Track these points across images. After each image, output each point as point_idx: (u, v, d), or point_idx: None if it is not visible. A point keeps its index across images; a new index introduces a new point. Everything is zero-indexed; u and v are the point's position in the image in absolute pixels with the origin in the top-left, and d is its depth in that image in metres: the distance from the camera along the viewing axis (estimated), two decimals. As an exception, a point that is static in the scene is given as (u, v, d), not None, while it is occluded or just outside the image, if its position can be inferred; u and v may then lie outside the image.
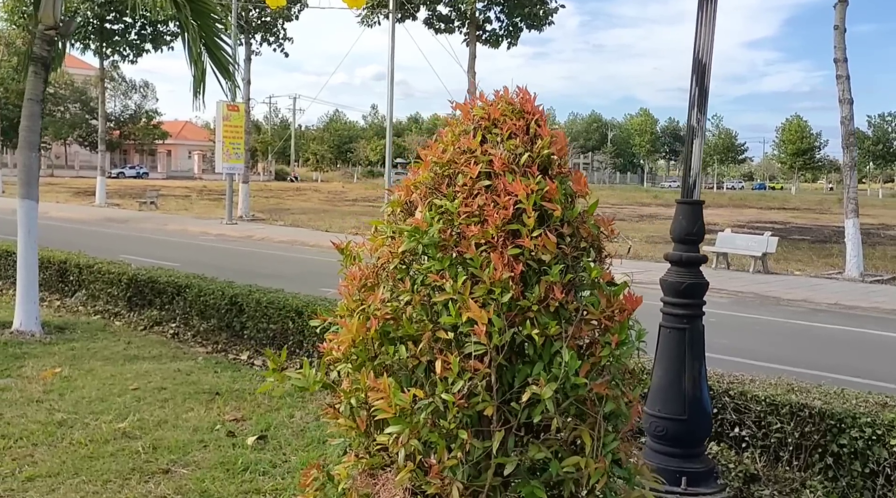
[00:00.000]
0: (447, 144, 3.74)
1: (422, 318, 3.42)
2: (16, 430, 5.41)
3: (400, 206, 3.76)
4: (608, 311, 3.42)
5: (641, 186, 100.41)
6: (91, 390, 6.40)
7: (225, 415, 5.90)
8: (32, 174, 8.17)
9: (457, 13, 24.84)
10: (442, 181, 3.63)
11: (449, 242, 3.42)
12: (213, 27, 8.62)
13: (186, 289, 8.71)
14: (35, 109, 8.08)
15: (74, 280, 10.10)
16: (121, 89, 75.99)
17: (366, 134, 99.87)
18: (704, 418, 4.45)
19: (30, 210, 8.18)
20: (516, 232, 3.44)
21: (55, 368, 7.00)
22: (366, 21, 25.67)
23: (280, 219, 30.75)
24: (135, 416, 5.79)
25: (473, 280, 3.36)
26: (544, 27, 24.29)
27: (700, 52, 4.38)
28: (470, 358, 3.33)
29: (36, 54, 8.06)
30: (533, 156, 3.55)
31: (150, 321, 8.91)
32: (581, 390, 3.35)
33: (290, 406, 6.18)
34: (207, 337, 8.35)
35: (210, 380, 6.83)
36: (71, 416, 5.75)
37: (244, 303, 8.13)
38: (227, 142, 27.69)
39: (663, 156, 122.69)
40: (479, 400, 3.29)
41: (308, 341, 7.52)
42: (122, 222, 28.17)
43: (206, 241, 23.22)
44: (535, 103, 3.71)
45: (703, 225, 4.53)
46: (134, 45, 35.84)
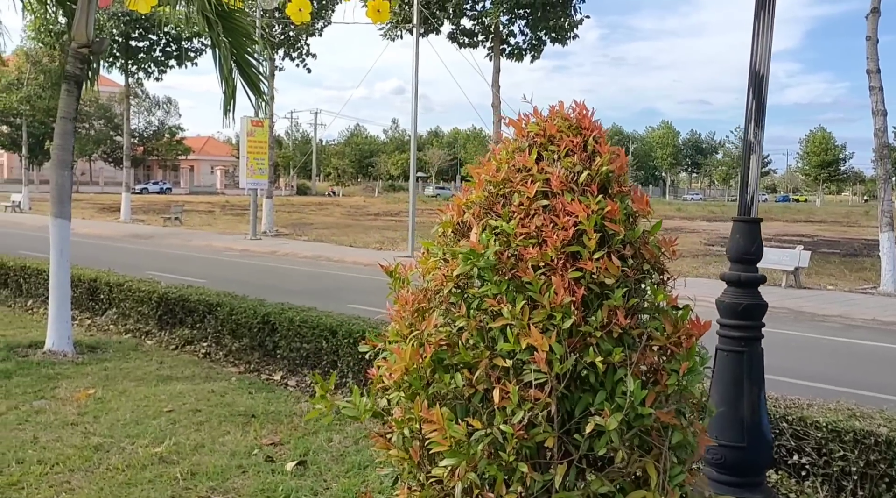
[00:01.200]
0: (500, 162, 3.60)
1: (478, 344, 3.28)
2: (52, 455, 5.31)
3: (452, 226, 3.62)
4: (674, 336, 3.27)
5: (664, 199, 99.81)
6: (126, 412, 6.31)
7: (262, 439, 5.77)
8: (65, 193, 8.13)
9: (480, 27, 24.80)
10: (497, 201, 3.50)
11: (506, 265, 3.28)
12: (245, 44, 8.56)
13: (218, 307, 8.62)
14: (68, 128, 8.05)
15: (105, 298, 10.05)
16: (144, 105, 76.75)
17: (386, 148, 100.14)
18: (765, 446, 4.27)
19: (62, 229, 8.13)
20: (576, 254, 3.29)
21: (88, 389, 6.92)
22: (389, 35, 25.70)
23: (304, 234, 30.76)
24: (171, 439, 5.67)
25: (532, 305, 3.22)
26: (568, 40, 24.21)
27: (757, 63, 4.23)
28: (529, 387, 3.19)
29: (69, 72, 8.04)
30: (592, 174, 3.40)
31: (181, 340, 8.83)
32: (646, 421, 3.18)
33: (328, 429, 6.03)
34: (240, 356, 8.25)
35: (245, 401, 6.71)
36: (107, 439, 5.65)
37: (276, 322, 8.02)
38: (251, 157, 27.77)
39: (685, 168, 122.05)
40: (540, 431, 3.13)
41: (342, 361, 7.40)
42: (147, 238, 28.29)
43: (230, 256, 23.23)
44: (593, 119, 3.57)
45: (762, 244, 4.37)
46: (158, 61, 36.16)
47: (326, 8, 29.13)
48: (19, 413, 6.25)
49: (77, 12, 8.06)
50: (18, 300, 11.16)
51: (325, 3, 28.59)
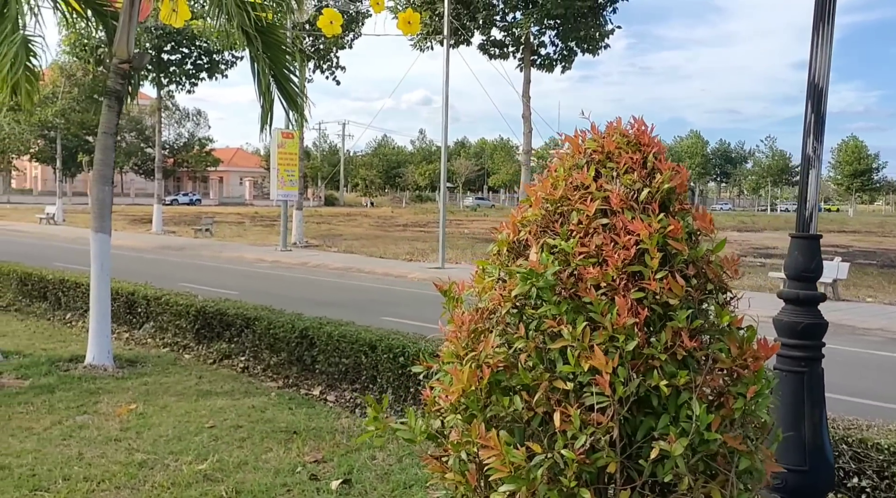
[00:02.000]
0: (557, 180, 3.53)
1: (536, 366, 3.20)
2: (97, 471, 5.30)
3: (507, 245, 3.56)
4: (740, 359, 3.17)
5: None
6: (168, 428, 6.30)
7: (305, 456, 5.73)
8: (106, 208, 8.17)
9: (511, 38, 24.76)
10: (554, 219, 3.43)
11: (565, 285, 3.21)
12: (283, 59, 8.57)
13: (255, 321, 8.61)
14: (109, 143, 8.10)
15: (142, 312, 10.09)
16: (175, 117, 77.66)
17: (414, 158, 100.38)
18: (826, 469, 4.14)
19: (102, 243, 8.18)
20: (637, 274, 3.21)
21: (130, 404, 6.92)
22: (419, 46, 25.74)
23: (333, 245, 30.84)
24: (214, 456, 5.65)
25: (593, 326, 3.14)
26: (599, 50, 24.09)
27: (816, 75, 4.12)
28: (590, 410, 3.10)
29: (110, 88, 8.09)
30: (653, 191, 3.32)
31: (219, 354, 8.83)
32: (712, 446, 3.08)
33: (371, 447, 5.97)
34: (278, 371, 8.23)
35: (286, 418, 6.67)
36: (150, 456, 5.64)
37: (315, 336, 7.99)
38: (281, 169, 27.92)
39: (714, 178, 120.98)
40: (603, 456, 3.05)
41: (382, 377, 7.35)
42: (178, 250, 28.51)
43: (262, 268, 23.32)
44: (652, 134, 3.49)
45: (821, 260, 4.25)
46: (190, 74, 36.56)
47: (356, 20, 29.29)
48: (63, 428, 6.26)
49: (118, 28, 8.13)
50: (57, 313, 11.24)
51: (354, 16, 28.75)
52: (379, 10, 23.57)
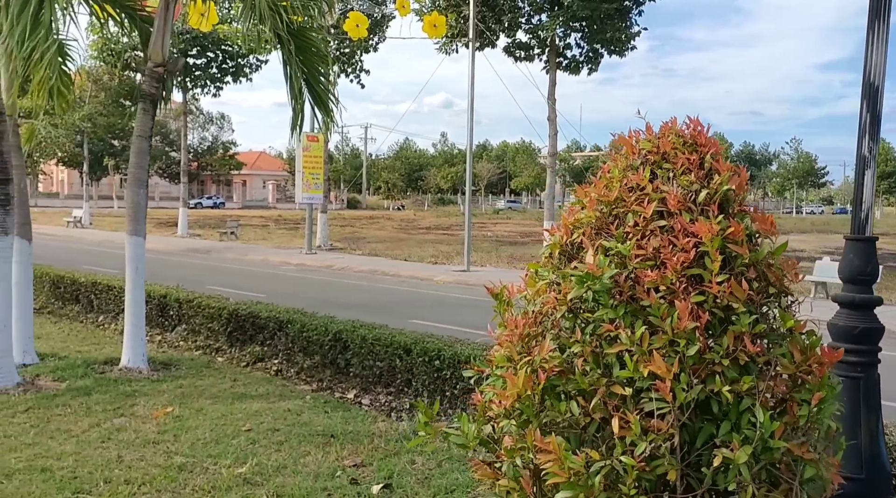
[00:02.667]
0: (610, 181, 3.47)
1: (593, 371, 3.13)
2: (137, 474, 5.29)
3: (559, 247, 3.50)
4: (804, 364, 3.09)
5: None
6: (205, 431, 6.28)
7: (343, 460, 5.69)
8: (140, 211, 8.20)
9: (536, 40, 24.66)
10: (609, 221, 3.36)
11: (623, 288, 3.14)
12: (315, 63, 8.56)
13: (288, 324, 8.60)
14: (143, 146, 8.13)
15: (174, 315, 10.12)
16: (198, 121, 78.17)
17: (435, 161, 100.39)
18: (884, 477, 4.04)
19: (137, 247, 8.20)
20: (697, 277, 3.14)
21: (166, 407, 6.92)
22: (444, 49, 25.71)
23: (357, 248, 30.87)
24: (253, 460, 5.62)
25: (651, 330, 3.07)
26: (626, 52, 23.92)
27: (871, 74, 4.02)
28: (649, 416, 3.03)
29: (145, 91, 8.12)
30: (711, 193, 3.25)
31: (252, 357, 8.82)
32: (775, 454, 3.01)
33: (410, 451, 5.92)
34: (312, 374, 8.20)
35: (322, 421, 6.64)
36: (189, 459, 5.62)
37: (349, 339, 7.96)
38: (306, 172, 27.99)
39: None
40: (663, 463, 2.97)
41: (417, 380, 7.30)
42: (204, 253, 28.65)
43: (287, 271, 23.36)
44: (709, 135, 3.42)
45: (878, 263, 4.15)
46: (215, 78, 36.77)
47: (380, 24, 29.33)
48: (101, 431, 6.27)
49: (153, 33, 8.15)
50: (90, 316, 11.31)
51: (379, 19, 28.79)
52: (405, 14, 23.54)
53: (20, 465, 5.42)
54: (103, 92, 41.92)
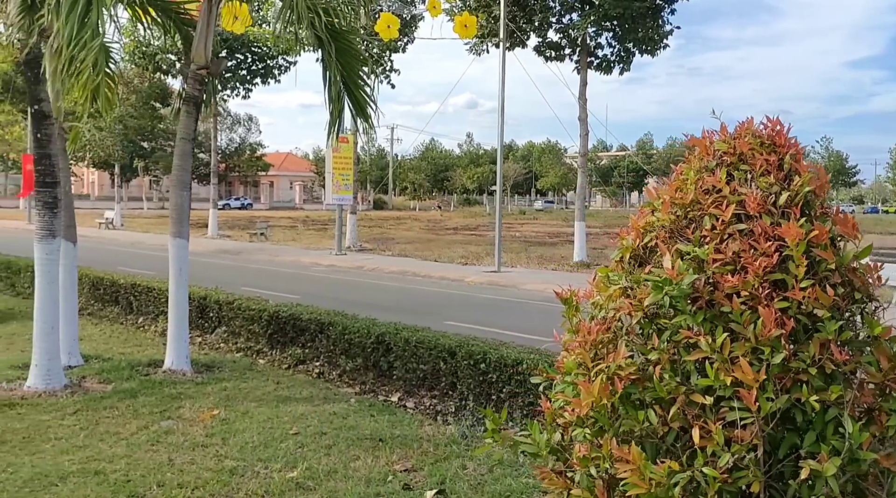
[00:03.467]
0: (684, 183, 3.38)
1: (671, 379, 3.05)
2: (190, 478, 5.28)
3: (630, 251, 3.42)
4: (892, 373, 2.98)
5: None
6: (252, 435, 6.27)
7: (394, 464, 5.64)
8: (184, 213, 8.21)
9: (567, 40, 24.49)
10: (685, 224, 3.28)
11: (702, 294, 3.05)
12: (354, 66, 8.52)
13: (330, 326, 8.58)
14: (187, 148, 8.15)
15: (214, 316, 10.14)
16: (226, 123, 78.76)
17: (461, 162, 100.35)
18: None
19: (181, 249, 8.22)
20: (780, 282, 3.05)
21: (212, 409, 6.92)
22: (475, 50, 25.63)
23: (387, 249, 30.88)
24: (303, 464, 5.59)
25: (732, 337, 2.98)
26: (658, 51, 23.68)
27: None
28: (731, 426, 2.94)
29: (188, 94, 8.14)
30: (792, 195, 3.15)
31: (293, 359, 8.81)
32: (863, 465, 2.90)
33: (459, 455, 5.87)
34: (354, 377, 8.18)
35: (369, 425, 6.60)
36: (240, 463, 5.61)
37: (392, 342, 7.92)
38: (336, 173, 28.04)
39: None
40: (747, 475, 2.88)
41: (462, 383, 7.24)
42: (235, 254, 28.80)
43: (318, 272, 23.41)
44: (789, 135, 3.32)
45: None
46: (244, 80, 36.98)
47: (410, 24, 29.32)
48: (150, 433, 6.28)
49: (196, 36, 8.17)
50: (129, 317, 11.37)
51: (408, 20, 28.78)
52: (436, 14, 23.51)
53: (74, 467, 5.44)
54: (134, 94, 42.32)
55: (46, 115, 7.41)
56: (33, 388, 7.27)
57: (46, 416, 6.65)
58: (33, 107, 7.41)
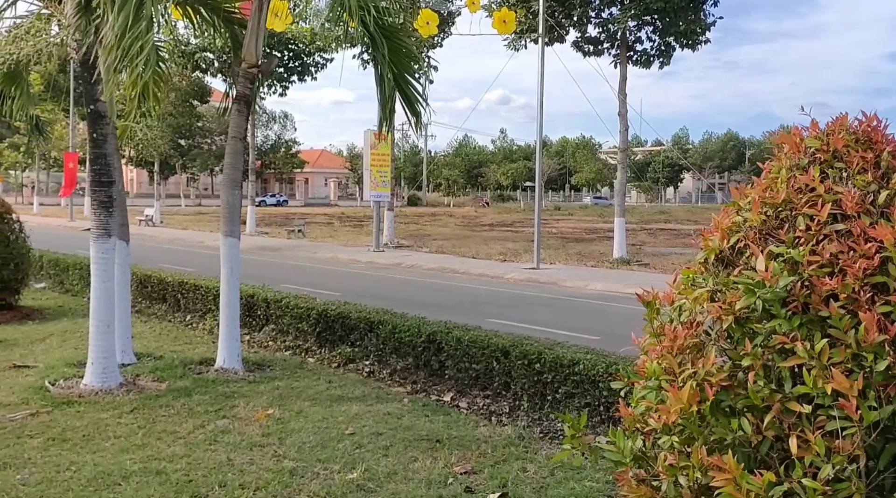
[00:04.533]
0: (773, 182, 3.26)
1: (766, 386, 2.93)
2: (250, 479, 5.27)
3: (716, 252, 3.31)
4: None
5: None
6: (308, 435, 6.24)
7: (453, 466, 5.58)
8: (235, 211, 8.23)
9: (606, 35, 24.25)
10: (777, 225, 3.16)
11: (798, 297, 2.94)
12: (405, 63, 8.47)
13: (379, 325, 8.54)
14: (238, 147, 8.15)
15: (262, 314, 10.16)
16: (261, 121, 79.35)
17: (495, 158, 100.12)
18: None
19: (232, 248, 8.23)
20: (880, 285, 2.92)
21: (266, 409, 6.91)
22: (513, 45, 25.48)
23: (424, 245, 30.85)
24: (362, 465, 5.55)
25: (830, 342, 2.86)
26: (699, 45, 23.34)
27: None
28: (831, 435, 2.83)
29: (239, 92, 8.14)
30: (891, 194, 3.02)
31: (342, 358, 8.79)
32: (971, 477, 2.77)
33: (518, 457, 5.79)
34: (405, 376, 8.13)
35: (424, 425, 6.55)
36: (299, 463, 5.58)
37: (443, 341, 7.86)
38: (374, 170, 28.06)
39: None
40: (850, 487, 2.76)
41: (516, 383, 7.16)
42: (274, 251, 28.95)
43: (357, 269, 23.44)
44: (887, 131, 3.18)
45: None
46: (281, 77, 37.20)
47: (447, 21, 29.24)
48: (206, 432, 6.28)
49: (247, 34, 8.17)
50: (177, 315, 11.44)
51: (446, 16, 28.70)
52: (475, 10, 23.44)
53: (135, 466, 5.45)
54: (173, 92, 42.79)
55: (102, 114, 7.45)
56: (90, 386, 7.32)
57: (104, 414, 6.69)
58: (89, 107, 7.45)
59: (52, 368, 8.13)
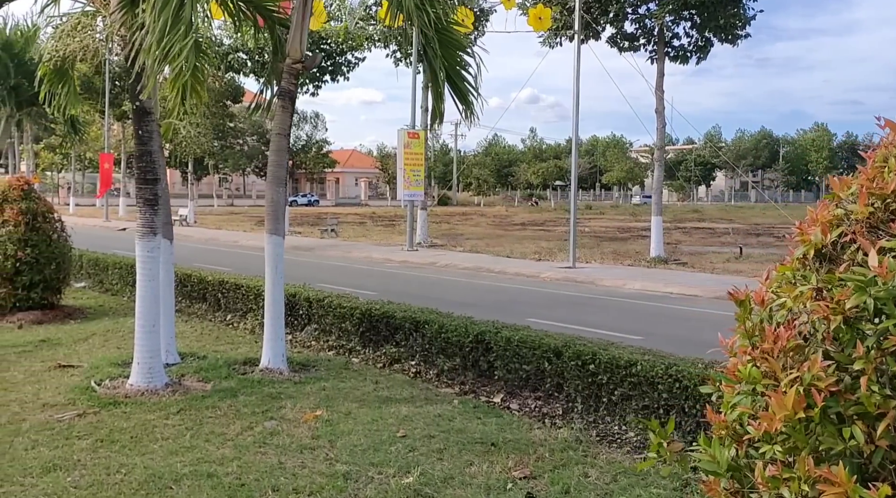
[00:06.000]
0: (880, 171, 3.03)
1: (881, 391, 2.71)
2: (304, 483, 5.12)
3: (816, 248, 3.08)
4: None
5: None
6: (359, 437, 6.09)
7: (511, 471, 5.39)
8: (280, 209, 8.10)
9: (643, 30, 23.89)
10: (887, 217, 2.93)
11: (913, 296, 2.71)
12: (457, 57, 8.30)
13: (425, 325, 8.37)
14: (283, 144, 8.03)
15: (304, 314, 10.03)
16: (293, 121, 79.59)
17: (525, 157, 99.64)
18: None
19: (277, 246, 8.11)
20: None
21: (314, 410, 6.77)
22: (548, 42, 25.20)
23: (457, 245, 30.69)
24: (417, 470, 5.38)
25: (951, 345, 2.63)
26: (739, 40, 22.90)
27: None
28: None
29: (283, 89, 8.02)
30: None
31: (387, 358, 8.64)
32: None
33: (578, 462, 5.59)
34: (452, 377, 7.96)
35: (476, 428, 6.37)
36: (352, 467, 5.42)
37: (492, 341, 7.67)
38: (407, 169, 27.92)
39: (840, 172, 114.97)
40: (977, 505, 2.53)
41: (569, 385, 6.95)
42: (308, 250, 28.95)
43: (391, 268, 23.33)
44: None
45: None
46: (313, 76, 37.18)
47: (480, 18, 29.03)
48: (255, 434, 6.16)
49: (291, 30, 8.05)
50: (218, 314, 11.37)
51: (479, 14, 28.49)
52: (510, 7, 23.26)
53: (186, 469, 5.33)
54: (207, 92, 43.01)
55: (148, 111, 7.36)
56: (136, 386, 7.24)
57: (151, 415, 6.60)
58: (135, 103, 7.37)
59: (97, 368, 8.07)
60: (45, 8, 8.01)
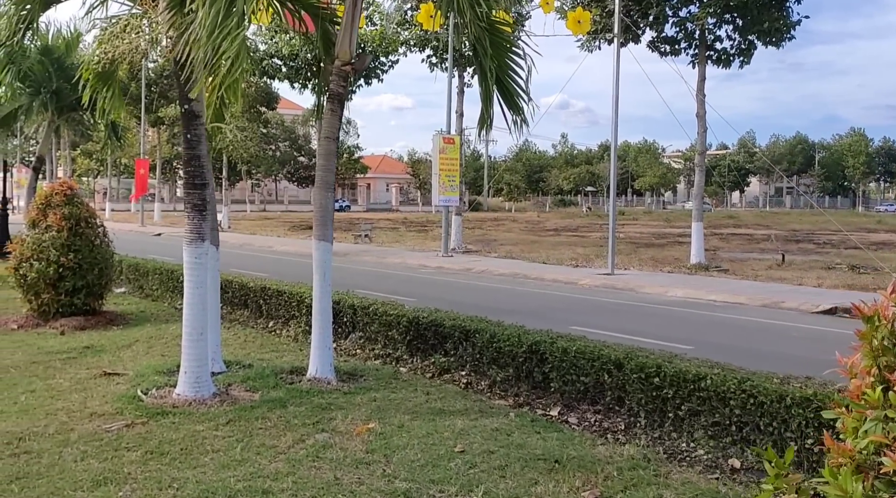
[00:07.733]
0: None
1: None
2: (364, 501, 4.89)
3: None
4: None
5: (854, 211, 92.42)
6: (415, 452, 5.85)
7: (580, 491, 5.13)
8: (328, 215, 7.90)
9: (684, 34, 23.47)
10: None
11: None
12: (506, 59, 8.05)
13: (476, 334, 8.12)
14: (331, 148, 7.83)
15: (348, 321, 9.83)
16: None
17: (556, 163, 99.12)
18: None
19: (325, 252, 7.91)
20: None
21: (367, 422, 6.54)
22: (586, 46, 24.87)
23: (492, 250, 30.40)
24: (479, 488, 5.13)
25: None
26: (784, 42, 22.40)
27: None
28: None
29: (333, 91, 7.83)
30: None
31: (436, 368, 8.40)
32: None
33: (649, 482, 5.30)
34: (505, 388, 7.70)
35: (537, 443, 6.10)
36: (412, 485, 5.19)
37: (547, 351, 7.40)
38: (443, 174, 27.69)
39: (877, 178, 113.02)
40: None
41: (631, 399, 6.67)
42: (342, 256, 28.79)
43: (427, 274, 23.10)
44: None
45: None
46: (348, 82, 37.14)
47: (517, 22, 28.78)
48: (307, 448, 5.95)
49: (341, 31, 7.86)
50: (259, 321, 11.22)
51: (516, 18, 28.24)
52: (548, 11, 22.94)
53: (239, 485, 5.13)
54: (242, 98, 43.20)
55: (197, 114, 7.20)
56: (183, 395, 7.06)
57: (200, 426, 6.41)
58: (184, 106, 7.21)
59: (143, 376, 7.91)
60: (93, 10, 7.89)
